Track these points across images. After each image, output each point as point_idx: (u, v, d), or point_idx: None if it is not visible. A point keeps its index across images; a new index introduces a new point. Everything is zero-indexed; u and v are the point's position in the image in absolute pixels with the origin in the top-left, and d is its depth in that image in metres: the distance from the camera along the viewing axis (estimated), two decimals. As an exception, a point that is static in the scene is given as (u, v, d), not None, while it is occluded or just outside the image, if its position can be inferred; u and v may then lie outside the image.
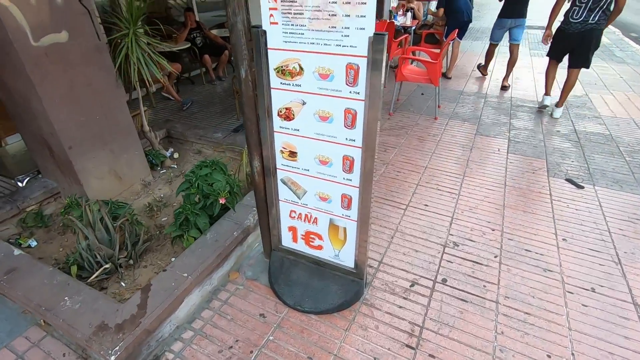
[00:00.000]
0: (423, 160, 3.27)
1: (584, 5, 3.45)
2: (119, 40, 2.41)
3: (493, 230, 2.39)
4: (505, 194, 2.77)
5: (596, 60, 6.81)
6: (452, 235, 2.34)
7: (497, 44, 5.23)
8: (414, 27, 5.78)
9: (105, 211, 1.99)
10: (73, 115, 2.24)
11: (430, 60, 3.83)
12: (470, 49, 7.81)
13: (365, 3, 1.23)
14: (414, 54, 5.62)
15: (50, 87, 2.08)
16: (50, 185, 2.55)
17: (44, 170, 2.61)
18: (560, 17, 3.85)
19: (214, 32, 7.00)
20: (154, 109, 4.87)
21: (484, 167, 3.16)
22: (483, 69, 5.73)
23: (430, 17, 7.88)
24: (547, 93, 4.30)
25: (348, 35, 1.31)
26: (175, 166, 3.16)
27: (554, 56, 4.02)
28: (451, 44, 5.25)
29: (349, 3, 1.25)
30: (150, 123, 3.60)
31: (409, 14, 5.58)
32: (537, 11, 14.44)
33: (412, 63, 5.03)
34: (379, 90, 1.32)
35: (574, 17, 3.55)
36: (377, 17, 5.89)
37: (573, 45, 3.70)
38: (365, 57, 1.31)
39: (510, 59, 5.01)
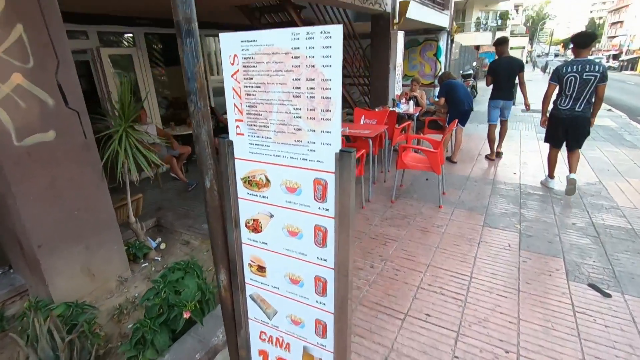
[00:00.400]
0: (426, 257, 3.00)
1: (569, 95, 3.91)
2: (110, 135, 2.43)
3: (507, 352, 2.01)
4: (519, 303, 2.42)
5: (606, 145, 6.73)
6: (457, 358, 1.98)
7: (496, 124, 5.68)
8: (417, 114, 5.93)
9: (56, 322, 1.76)
10: (50, 211, 2.16)
11: (431, 149, 3.78)
12: (476, 132, 7.91)
13: (330, 119, 1.14)
14: (417, 141, 5.71)
15: (28, 185, 2.03)
16: (19, 282, 2.38)
17: (15, 266, 2.47)
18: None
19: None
20: (160, 190, 4.90)
21: (494, 266, 2.86)
22: (490, 155, 5.89)
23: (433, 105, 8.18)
24: (550, 176, 4.56)
25: (314, 150, 1.20)
26: (159, 259, 2.98)
27: (552, 142, 4.36)
28: (454, 130, 5.31)
29: (314, 119, 1.16)
30: (145, 209, 3.52)
31: (412, 102, 5.78)
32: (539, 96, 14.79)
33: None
34: (349, 210, 1.16)
35: (562, 105, 4.01)
36: (380, 105, 6.08)
37: (565, 129, 4.09)
38: (332, 172, 1.18)
39: (501, 130, 5.82)
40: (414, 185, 4.65)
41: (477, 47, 28.94)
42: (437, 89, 12.61)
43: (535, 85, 22.14)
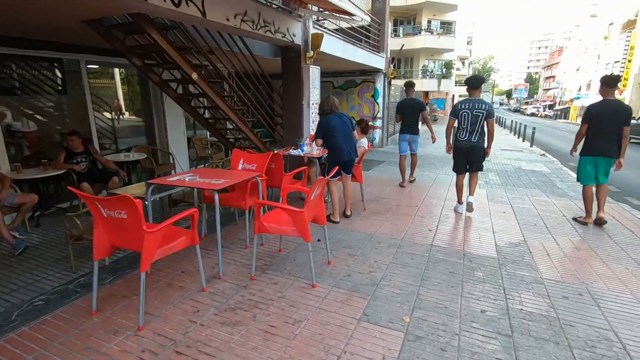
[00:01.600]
0: (243, 391, 1.84)
1: (464, 129, 4.50)
2: None
3: None
4: None
5: (537, 193, 6.13)
6: None
7: (405, 155, 6.49)
8: (323, 157, 5.01)
9: None
10: None
11: (295, 208, 2.74)
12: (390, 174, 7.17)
13: None
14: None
15: None
16: None
17: None
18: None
19: (111, 156, 6.10)
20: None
21: (345, 408, 1.74)
22: (402, 183, 6.56)
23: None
24: (459, 202, 4.97)
25: None
26: None
27: (457, 170, 4.83)
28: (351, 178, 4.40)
29: None
30: None
31: (314, 144, 4.88)
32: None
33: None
34: None
35: (461, 137, 4.58)
36: (264, 148, 4.95)
37: (466, 157, 4.64)
38: None
39: (411, 162, 6.74)
40: (298, 249, 3.58)
41: (427, 93, 30.13)
42: (376, 131, 12.23)
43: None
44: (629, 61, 33.59)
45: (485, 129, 4.46)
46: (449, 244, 3.83)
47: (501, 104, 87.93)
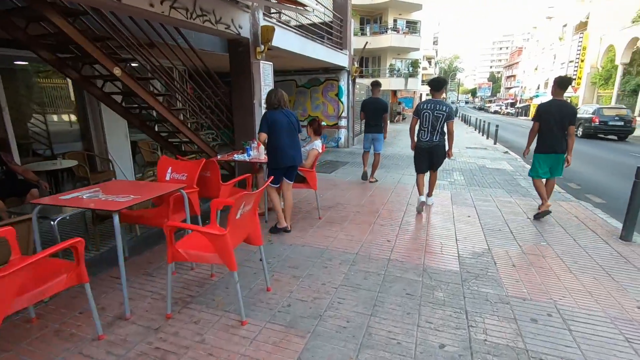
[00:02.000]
0: None
1: (426, 129, 4.56)
2: None
3: None
4: None
5: (501, 194, 5.92)
6: None
7: (368, 152, 6.70)
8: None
9: None
10: None
11: (214, 230, 2.22)
12: (384, 180, 6.80)
13: None
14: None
15: None
16: None
17: None
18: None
19: (35, 165, 5.32)
20: None
21: None
22: (363, 176, 6.77)
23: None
24: (420, 194, 4.85)
25: None
26: None
27: (419, 169, 4.86)
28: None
29: None
30: None
31: (262, 148, 4.36)
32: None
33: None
34: None
35: (423, 137, 4.63)
36: (212, 153, 4.18)
37: (428, 156, 4.72)
38: None
39: (374, 161, 6.68)
40: (243, 270, 3.06)
41: (395, 92, 30.26)
42: (341, 130, 11.87)
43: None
44: (582, 61, 35.34)
45: (446, 129, 4.58)
46: (408, 257, 3.43)
47: (466, 102, 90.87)
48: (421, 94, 53.07)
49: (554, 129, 4.27)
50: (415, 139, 4.79)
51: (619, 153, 11.52)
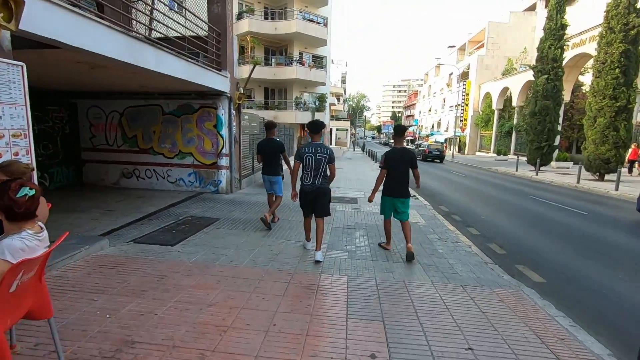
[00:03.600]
0: None
1: (308, 173, 4.42)
2: None
3: None
4: None
5: (426, 284, 4.01)
6: None
7: (271, 193, 6.26)
8: None
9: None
10: None
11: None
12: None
13: None
14: None
15: None
16: None
17: None
18: None
19: None
20: None
21: None
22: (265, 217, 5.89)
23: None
24: (307, 239, 4.87)
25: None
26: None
27: (305, 213, 4.68)
28: None
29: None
30: None
31: None
32: (357, 172, 13.02)
33: None
34: None
35: (306, 181, 4.47)
36: None
37: (312, 201, 4.50)
38: None
39: (275, 201, 6.19)
40: None
41: (302, 126, 29.13)
42: (222, 171, 9.33)
43: (354, 162, 22.57)
44: (466, 105, 39.28)
45: (328, 172, 4.49)
46: None
47: (373, 138, 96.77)
48: (331, 129, 54.06)
49: (398, 174, 4.64)
50: (298, 183, 4.60)
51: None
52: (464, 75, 39.85)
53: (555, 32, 17.98)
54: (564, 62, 18.41)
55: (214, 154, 8.69)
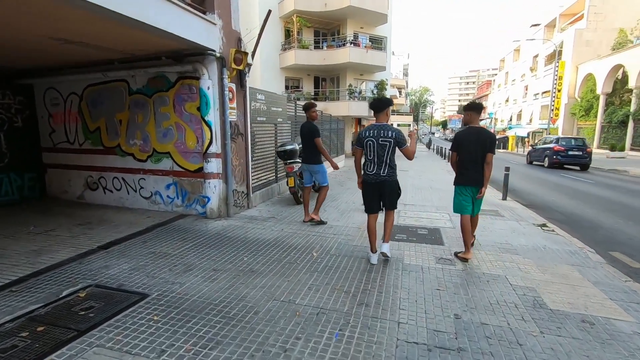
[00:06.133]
0: None
1: (371, 160, 3.64)
2: None
3: None
4: None
5: None
6: None
7: (309, 187, 5.34)
8: None
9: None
10: None
11: None
12: None
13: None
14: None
15: None
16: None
17: None
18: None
19: None
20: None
21: None
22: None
23: None
24: (372, 250, 3.79)
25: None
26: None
27: (368, 209, 3.81)
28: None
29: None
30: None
31: None
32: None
33: None
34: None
35: (368, 170, 3.70)
36: None
37: (379, 192, 3.71)
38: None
39: (319, 197, 5.20)
40: None
41: (359, 121, 25.17)
42: (211, 182, 5.65)
43: (421, 162, 18.11)
44: (559, 91, 31.89)
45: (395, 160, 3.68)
46: None
47: (432, 134, 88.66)
48: (392, 124, 49.11)
49: (471, 158, 3.82)
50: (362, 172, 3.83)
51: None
52: (552, 57, 32.38)
53: None
54: None
55: (199, 155, 5.32)
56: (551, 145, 15.74)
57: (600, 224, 5.94)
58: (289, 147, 6.26)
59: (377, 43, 21.31)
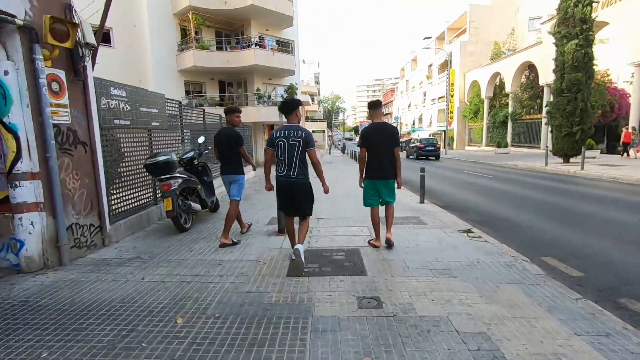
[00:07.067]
0: None
1: (282, 161, 3.55)
2: None
3: None
4: None
5: None
6: None
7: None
8: None
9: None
10: None
11: None
12: None
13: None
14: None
15: None
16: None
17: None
18: None
19: None
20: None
21: None
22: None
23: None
24: (293, 244, 3.73)
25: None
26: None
27: (281, 207, 3.85)
28: None
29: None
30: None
31: None
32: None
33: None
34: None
35: (279, 171, 3.61)
36: None
37: (290, 195, 3.63)
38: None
39: (227, 214, 4.44)
40: None
41: (271, 127, 23.96)
42: (25, 217, 3.96)
43: (336, 167, 17.61)
44: (452, 96, 35.32)
45: (309, 161, 3.61)
46: None
47: (350, 139, 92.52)
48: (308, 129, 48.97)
49: (378, 153, 4.00)
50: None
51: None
52: (445, 66, 35.84)
53: (583, -15, 13.76)
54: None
55: (2, 174, 3.47)
56: (417, 144, 22.94)
57: (517, 222, 5.69)
58: (161, 159, 4.70)
59: (284, 46, 20.46)
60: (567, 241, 4.59)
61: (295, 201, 3.62)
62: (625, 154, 16.81)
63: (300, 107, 3.73)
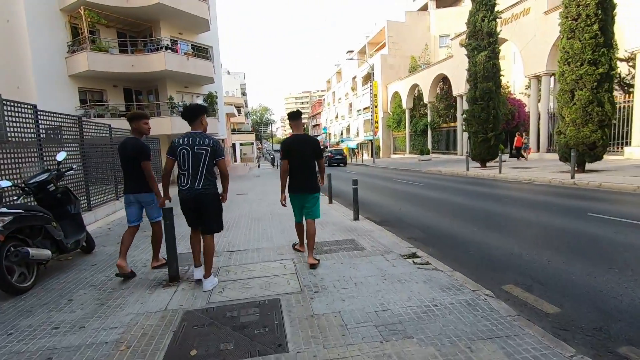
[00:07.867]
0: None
1: (185, 173, 3.22)
2: None
3: None
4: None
5: None
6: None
7: (137, 226, 3.89)
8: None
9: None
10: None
11: None
12: None
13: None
14: None
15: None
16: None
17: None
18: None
19: None
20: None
21: None
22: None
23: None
24: (196, 264, 3.49)
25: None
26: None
27: (189, 223, 3.45)
28: None
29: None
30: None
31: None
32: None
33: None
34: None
35: (182, 184, 3.27)
36: None
37: (193, 209, 3.31)
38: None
39: (154, 237, 3.96)
40: None
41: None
42: None
43: (264, 181, 16.21)
44: (376, 107, 36.55)
45: (216, 171, 3.37)
46: None
47: (276, 151, 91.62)
48: (234, 144, 46.61)
49: (300, 165, 3.83)
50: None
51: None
52: (368, 78, 37.11)
53: (487, 1, 14.79)
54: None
55: None
56: (329, 154, 27.37)
57: (461, 236, 5.10)
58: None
59: (202, 52, 18.72)
60: (519, 257, 4.03)
61: (202, 215, 3.29)
62: (520, 157, 18.73)
63: (204, 115, 3.40)
